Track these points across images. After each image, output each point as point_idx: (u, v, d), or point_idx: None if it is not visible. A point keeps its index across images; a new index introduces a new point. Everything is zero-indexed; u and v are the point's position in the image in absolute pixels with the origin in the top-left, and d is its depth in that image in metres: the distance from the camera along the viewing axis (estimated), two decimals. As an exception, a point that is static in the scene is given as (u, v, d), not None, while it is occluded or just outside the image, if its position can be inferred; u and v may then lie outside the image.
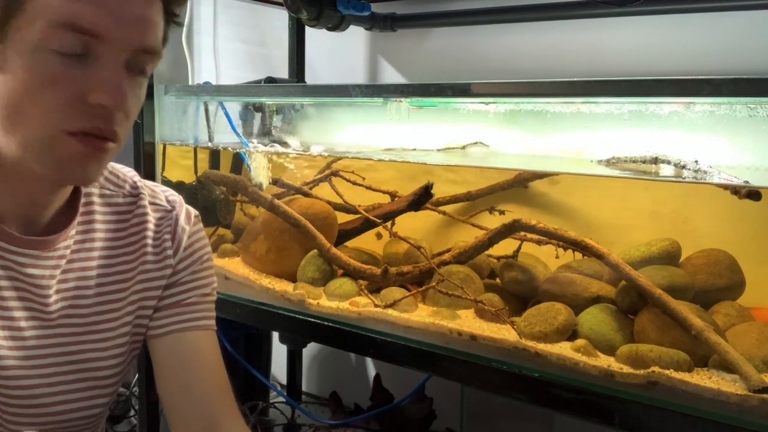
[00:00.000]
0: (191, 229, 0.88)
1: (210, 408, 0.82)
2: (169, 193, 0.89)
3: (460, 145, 1.16)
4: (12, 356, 0.75)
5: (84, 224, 0.81)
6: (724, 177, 0.86)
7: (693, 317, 0.88)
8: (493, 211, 1.24)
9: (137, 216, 0.85)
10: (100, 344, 0.81)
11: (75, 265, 0.80)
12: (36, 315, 0.77)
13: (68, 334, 0.79)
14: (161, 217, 0.86)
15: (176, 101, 1.40)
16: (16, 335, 0.75)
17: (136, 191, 0.86)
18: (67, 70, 0.66)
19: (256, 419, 1.48)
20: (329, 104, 1.35)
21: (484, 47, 1.50)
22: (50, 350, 0.78)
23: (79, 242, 0.80)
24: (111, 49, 0.67)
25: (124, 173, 0.87)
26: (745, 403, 0.80)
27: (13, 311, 0.75)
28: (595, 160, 1.02)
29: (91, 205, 0.82)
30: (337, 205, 1.32)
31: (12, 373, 0.75)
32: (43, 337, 0.77)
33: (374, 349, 1.10)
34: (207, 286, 0.88)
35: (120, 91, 0.67)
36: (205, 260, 0.89)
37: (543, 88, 0.94)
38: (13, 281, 0.75)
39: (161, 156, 1.39)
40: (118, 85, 0.67)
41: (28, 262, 0.75)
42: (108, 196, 0.84)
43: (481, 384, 0.99)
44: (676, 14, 1.27)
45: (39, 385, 0.77)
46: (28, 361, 0.76)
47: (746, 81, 0.77)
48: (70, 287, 0.79)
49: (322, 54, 1.75)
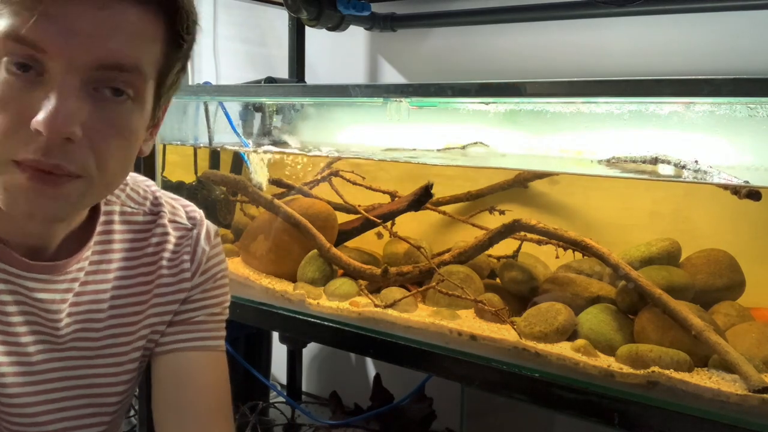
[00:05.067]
0: (210, 249, 0.83)
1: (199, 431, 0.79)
2: (191, 209, 0.84)
3: (460, 145, 1.16)
4: (17, 382, 0.71)
5: (101, 244, 0.76)
6: (724, 177, 0.86)
7: (693, 317, 0.88)
8: (493, 211, 1.24)
9: (156, 236, 0.80)
10: (110, 368, 0.78)
11: (89, 287, 0.75)
12: (45, 339, 0.73)
13: (78, 357, 0.75)
14: (181, 236, 0.81)
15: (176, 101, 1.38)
16: (22, 360, 0.72)
17: (156, 209, 0.81)
18: (13, 89, 0.58)
19: (256, 419, 1.48)
20: (329, 104, 1.35)
21: (484, 47, 1.50)
22: (58, 374, 0.74)
23: (95, 263, 0.76)
24: (60, 66, 0.58)
25: (145, 188, 0.82)
26: (745, 403, 0.80)
27: (20, 336, 0.71)
28: (595, 160, 1.02)
29: (111, 224, 0.78)
30: (337, 205, 1.32)
31: (17, 401, 0.72)
32: (51, 360, 0.74)
33: (374, 349, 1.10)
34: (218, 305, 0.84)
35: (59, 117, 0.57)
36: (218, 278, 0.84)
37: (543, 88, 0.94)
38: (20, 305, 0.71)
39: (161, 156, 1.39)
40: (60, 108, 0.57)
41: (38, 287, 0.71)
42: (129, 213, 0.79)
43: (481, 384, 0.98)
44: (676, 14, 1.27)
45: (45, 411, 0.74)
46: (34, 387, 0.73)
47: (746, 81, 0.77)
48: (82, 310, 0.75)
49: (322, 54, 1.75)
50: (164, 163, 1.42)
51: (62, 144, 0.59)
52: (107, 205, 0.78)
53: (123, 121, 0.63)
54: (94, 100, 0.61)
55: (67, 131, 0.58)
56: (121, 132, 0.63)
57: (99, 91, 0.61)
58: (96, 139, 0.61)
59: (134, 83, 0.62)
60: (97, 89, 0.61)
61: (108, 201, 0.78)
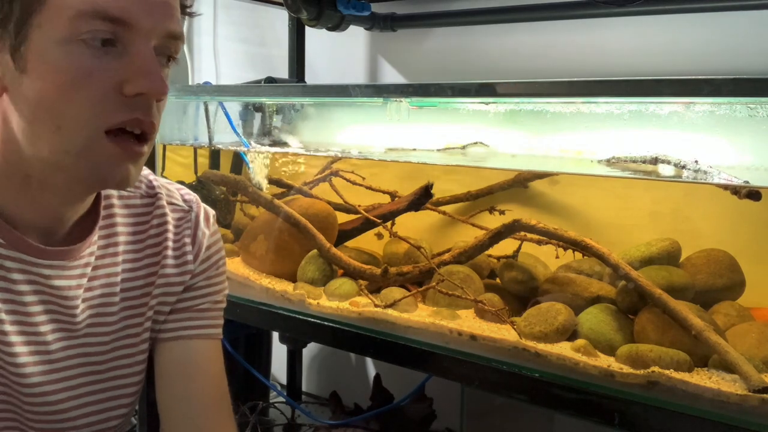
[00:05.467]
0: (210, 233, 0.85)
1: (207, 421, 0.80)
2: (185, 192, 0.86)
3: (460, 145, 1.16)
4: (38, 372, 0.73)
5: (106, 228, 0.78)
6: (724, 177, 0.86)
7: (693, 317, 0.88)
8: (493, 211, 1.24)
9: (156, 217, 0.82)
10: (126, 350, 0.79)
11: (100, 272, 0.77)
12: (63, 327, 0.74)
13: (95, 344, 0.77)
14: (180, 218, 0.84)
15: (176, 101, 1.40)
16: (41, 350, 0.73)
17: (152, 191, 0.83)
18: (100, 62, 0.63)
19: (256, 419, 1.48)
20: (329, 104, 1.35)
21: (484, 47, 1.50)
22: (76, 361, 0.76)
23: (102, 247, 0.77)
24: (140, 36, 0.64)
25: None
26: (745, 403, 0.80)
27: (40, 326, 0.73)
28: (595, 160, 1.02)
29: (112, 208, 0.79)
30: (337, 205, 1.32)
31: (39, 390, 0.73)
32: (69, 348, 0.75)
33: (374, 349, 1.10)
34: (219, 293, 0.87)
35: (157, 77, 0.64)
36: (220, 266, 0.87)
37: (543, 88, 0.94)
38: (39, 295, 0.72)
39: (161, 156, 1.39)
40: (155, 72, 0.64)
41: (54, 274, 0.72)
42: (126, 197, 0.81)
43: (481, 384, 0.98)
44: (676, 14, 1.27)
45: (66, 399, 0.75)
46: (53, 375, 0.74)
47: (746, 81, 0.77)
48: (96, 295, 0.77)
49: (322, 54, 1.75)
50: (164, 163, 1.42)
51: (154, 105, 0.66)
52: (125, 190, 0.80)
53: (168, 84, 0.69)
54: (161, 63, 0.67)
55: (166, 90, 0.66)
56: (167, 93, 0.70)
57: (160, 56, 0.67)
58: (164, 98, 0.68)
59: (179, 49, 0.69)
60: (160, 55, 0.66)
61: None
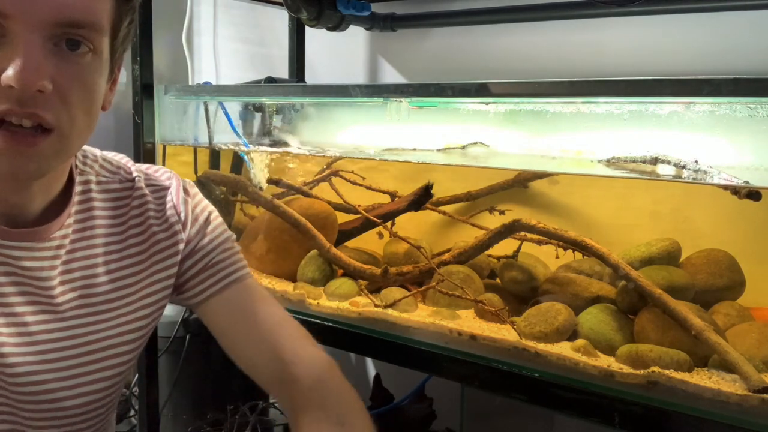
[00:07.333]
0: (192, 197, 0.88)
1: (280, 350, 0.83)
2: (162, 171, 0.89)
3: (460, 145, 1.16)
4: (18, 353, 0.74)
5: (82, 212, 0.80)
6: (724, 177, 0.86)
7: (693, 317, 0.88)
8: (493, 211, 1.24)
9: (136, 198, 0.84)
10: (116, 329, 0.80)
11: (77, 254, 0.79)
12: (43, 309, 0.76)
13: (82, 325, 0.78)
14: (160, 195, 0.86)
15: (176, 101, 1.39)
16: (22, 331, 0.74)
17: (130, 176, 0.85)
18: None
19: (256, 419, 1.48)
20: (329, 104, 1.35)
21: (484, 47, 1.50)
22: (63, 343, 0.77)
23: (78, 231, 0.79)
24: (22, 26, 0.62)
25: (117, 160, 0.87)
26: (745, 403, 0.80)
27: (15, 306, 0.74)
28: (595, 160, 1.02)
29: (89, 193, 0.81)
30: (337, 205, 1.32)
31: (21, 370, 0.74)
32: (55, 330, 0.76)
33: (374, 349, 1.10)
34: (226, 240, 0.89)
35: (29, 69, 0.62)
36: (211, 219, 0.89)
37: (543, 88, 0.94)
38: (10, 276, 0.74)
39: (161, 156, 1.39)
40: (29, 63, 0.62)
41: (23, 255, 0.74)
42: (105, 182, 0.83)
43: (481, 384, 0.99)
44: (676, 14, 1.27)
45: (52, 380, 0.76)
46: (37, 356, 0.75)
47: (746, 81, 0.77)
48: (76, 277, 0.78)
49: (322, 54, 1.75)
50: (164, 164, 1.41)
51: (34, 96, 0.63)
52: (82, 175, 0.81)
53: (86, 75, 0.68)
54: (58, 56, 0.65)
55: (37, 83, 0.63)
56: (85, 84, 0.68)
57: (59, 46, 0.65)
58: (64, 92, 0.65)
59: (91, 37, 0.67)
60: (57, 45, 0.65)
61: (82, 171, 0.82)
